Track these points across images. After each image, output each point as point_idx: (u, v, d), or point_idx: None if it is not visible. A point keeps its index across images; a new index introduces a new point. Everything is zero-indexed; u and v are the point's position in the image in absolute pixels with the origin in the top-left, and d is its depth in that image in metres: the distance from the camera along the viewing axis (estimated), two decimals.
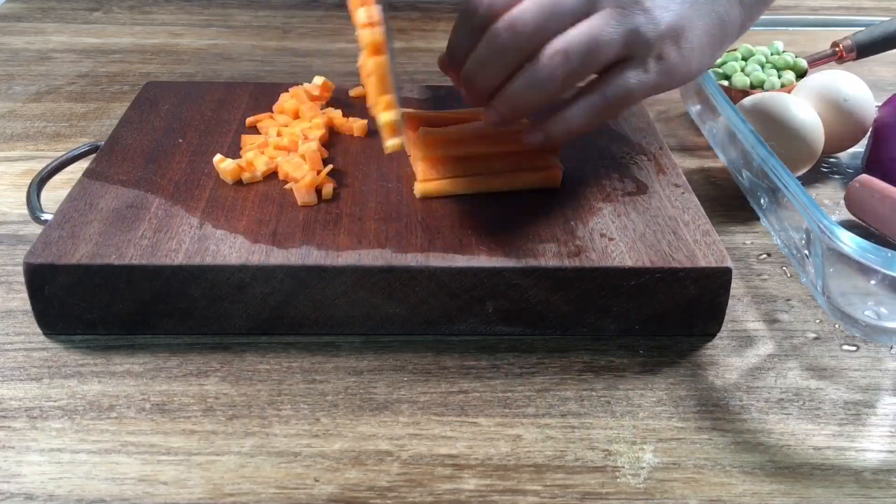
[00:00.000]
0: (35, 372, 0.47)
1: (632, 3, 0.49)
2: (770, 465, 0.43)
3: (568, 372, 0.48)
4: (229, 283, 0.47)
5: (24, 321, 0.50)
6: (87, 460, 0.42)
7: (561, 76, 0.48)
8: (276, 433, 0.43)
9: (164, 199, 0.52)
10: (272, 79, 0.83)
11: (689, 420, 0.45)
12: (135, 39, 0.91)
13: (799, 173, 0.65)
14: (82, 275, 0.47)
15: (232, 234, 0.49)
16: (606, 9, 0.49)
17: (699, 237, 0.50)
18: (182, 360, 0.48)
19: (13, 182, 0.64)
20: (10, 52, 0.88)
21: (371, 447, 0.43)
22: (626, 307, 0.49)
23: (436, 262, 0.47)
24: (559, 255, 0.48)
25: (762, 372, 0.48)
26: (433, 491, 0.41)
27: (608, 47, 0.48)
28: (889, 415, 0.46)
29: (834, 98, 0.66)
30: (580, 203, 0.53)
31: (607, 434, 0.44)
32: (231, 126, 0.61)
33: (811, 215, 0.50)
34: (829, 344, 0.50)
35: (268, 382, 0.46)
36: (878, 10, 1.04)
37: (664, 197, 0.54)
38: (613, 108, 0.51)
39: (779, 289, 0.55)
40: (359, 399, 0.45)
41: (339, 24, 0.97)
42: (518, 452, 0.43)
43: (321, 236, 0.49)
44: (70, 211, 0.51)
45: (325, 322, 0.49)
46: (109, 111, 0.75)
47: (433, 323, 0.49)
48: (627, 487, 0.41)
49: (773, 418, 0.45)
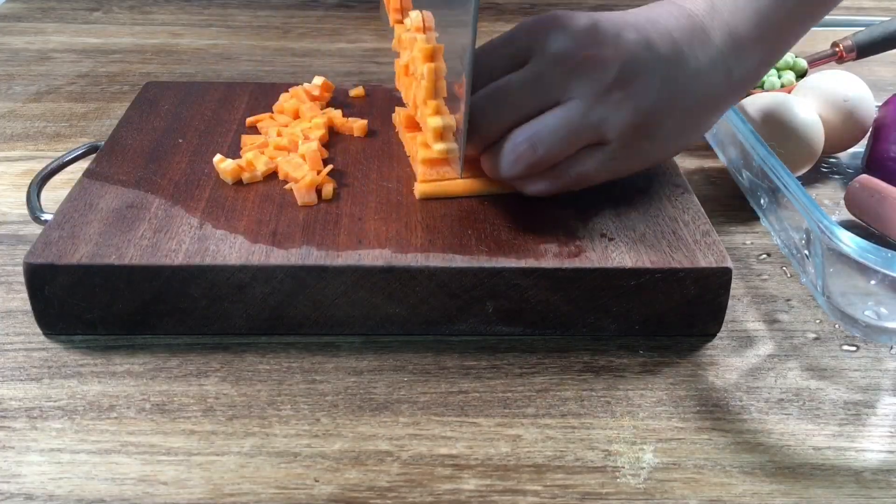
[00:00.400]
0: (35, 372, 0.47)
1: (603, 94, 0.48)
2: (770, 466, 0.43)
3: (568, 372, 0.48)
4: (229, 284, 0.47)
5: (24, 321, 0.50)
6: (87, 460, 0.42)
7: (526, 164, 0.49)
8: (276, 433, 0.43)
9: (164, 199, 0.52)
10: (272, 79, 0.83)
11: (689, 420, 0.45)
12: (135, 39, 0.91)
13: (799, 173, 0.65)
14: (82, 275, 0.47)
15: (232, 235, 0.49)
16: (576, 99, 0.48)
17: (699, 237, 0.50)
18: (182, 360, 0.48)
19: (13, 182, 0.64)
20: (10, 52, 0.88)
21: (371, 447, 0.43)
22: (626, 307, 0.49)
23: (436, 262, 0.47)
24: (559, 256, 0.48)
25: (762, 372, 0.48)
26: (433, 491, 0.41)
27: (575, 139, 0.49)
28: (889, 415, 0.46)
29: (834, 98, 0.66)
30: (580, 203, 0.53)
31: (607, 434, 0.44)
32: (231, 126, 0.61)
33: (811, 215, 0.50)
34: (829, 344, 0.50)
35: (268, 382, 0.46)
36: (878, 10, 1.04)
37: (664, 197, 0.54)
38: (577, 186, 0.51)
39: (779, 289, 0.55)
40: (359, 399, 0.45)
41: (339, 24, 0.97)
42: (518, 452, 0.43)
43: (321, 236, 0.49)
44: (70, 211, 0.51)
45: (325, 322, 0.49)
46: (109, 111, 0.75)
47: (433, 323, 0.49)
48: (627, 488, 0.41)
49: (773, 418, 0.45)
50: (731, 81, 0.51)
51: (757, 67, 0.51)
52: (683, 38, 0.49)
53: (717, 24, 0.50)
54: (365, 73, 0.85)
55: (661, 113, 0.49)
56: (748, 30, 0.50)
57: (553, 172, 0.50)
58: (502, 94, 0.49)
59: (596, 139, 0.49)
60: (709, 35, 0.50)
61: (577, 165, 0.50)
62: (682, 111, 0.50)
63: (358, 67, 0.86)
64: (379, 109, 0.64)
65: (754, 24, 0.50)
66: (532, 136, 0.48)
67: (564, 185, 0.51)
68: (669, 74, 0.49)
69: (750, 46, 0.50)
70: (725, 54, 0.50)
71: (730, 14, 0.50)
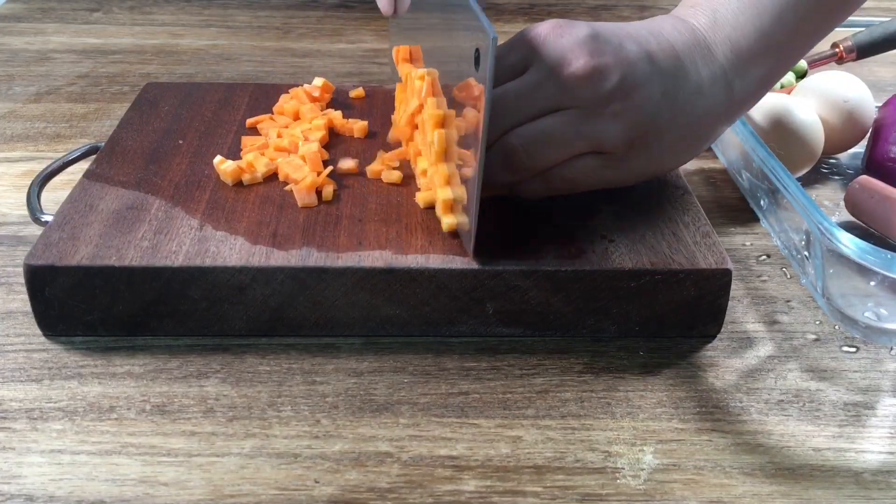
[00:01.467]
0: (35, 373, 0.47)
1: (602, 104, 0.47)
2: (770, 467, 0.43)
3: (568, 373, 0.48)
4: (229, 285, 0.47)
5: (25, 322, 0.50)
6: (87, 461, 0.42)
7: (517, 167, 0.49)
8: (277, 434, 0.43)
9: (164, 200, 0.52)
10: (272, 79, 0.83)
11: (689, 421, 0.45)
12: (135, 40, 0.91)
13: (799, 174, 0.65)
14: (83, 276, 0.47)
15: (232, 236, 0.49)
16: (573, 109, 0.48)
17: (699, 239, 0.50)
18: (182, 361, 0.48)
19: (13, 183, 0.64)
20: (10, 52, 0.88)
21: (371, 448, 0.43)
22: (626, 309, 0.49)
23: (436, 263, 0.47)
24: (559, 257, 0.48)
25: (762, 373, 0.48)
26: (433, 492, 0.41)
27: (568, 147, 0.48)
28: (889, 416, 0.46)
29: (834, 99, 0.66)
30: (580, 204, 0.53)
31: (607, 435, 0.44)
32: (231, 127, 0.61)
33: (811, 217, 0.50)
34: (829, 345, 0.51)
35: (268, 384, 0.46)
36: (878, 10, 1.04)
37: (664, 198, 0.54)
38: (570, 189, 0.51)
39: (778, 290, 0.55)
40: (359, 400, 0.45)
41: (339, 24, 0.97)
42: (518, 454, 0.43)
43: (321, 238, 0.49)
44: (70, 212, 0.51)
45: (326, 323, 0.49)
46: (109, 112, 0.75)
47: (433, 324, 0.49)
48: (627, 489, 0.41)
49: (773, 420, 0.45)
50: (732, 97, 0.50)
51: (758, 84, 0.51)
52: (685, 52, 0.49)
53: (720, 38, 0.50)
54: (365, 73, 0.85)
55: (660, 127, 0.49)
56: (750, 45, 0.50)
57: (544, 177, 0.50)
58: (501, 101, 0.48)
59: (590, 149, 0.49)
60: (711, 49, 0.49)
61: (568, 171, 0.49)
62: (682, 126, 0.49)
63: (358, 68, 0.86)
64: (379, 110, 0.64)
65: (756, 40, 0.50)
66: (525, 140, 0.48)
67: (556, 189, 0.51)
68: (670, 88, 0.48)
69: (752, 61, 0.50)
70: (727, 69, 0.50)
71: (732, 29, 0.50)
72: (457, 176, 0.49)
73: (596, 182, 0.51)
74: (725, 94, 0.50)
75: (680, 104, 0.49)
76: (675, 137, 0.50)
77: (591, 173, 0.50)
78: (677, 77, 0.49)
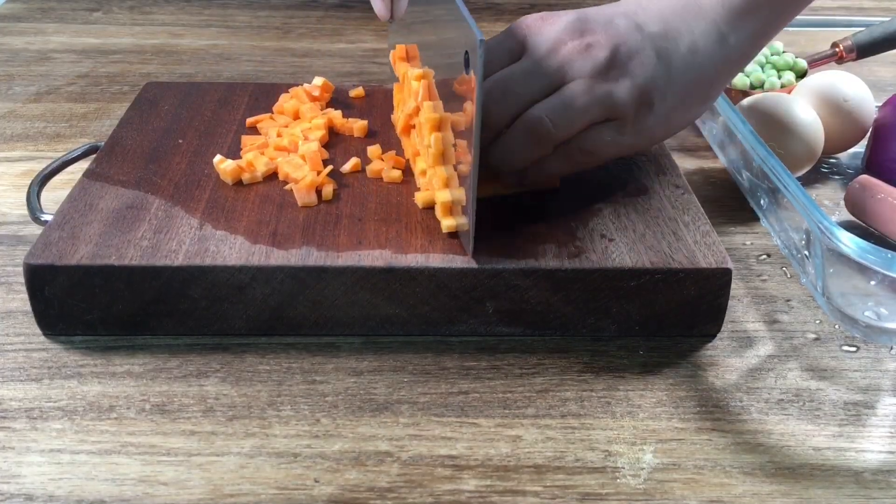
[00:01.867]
0: (35, 373, 0.47)
1: (602, 73, 0.50)
2: (770, 466, 0.43)
3: (568, 373, 0.48)
4: (229, 284, 0.47)
5: (24, 322, 0.50)
6: (87, 461, 0.42)
7: (540, 140, 0.50)
8: (276, 434, 0.43)
9: (164, 199, 0.52)
10: (272, 79, 0.83)
11: (689, 421, 0.45)
12: (135, 40, 0.91)
13: (799, 174, 0.65)
14: (82, 276, 0.47)
15: (232, 235, 0.49)
16: (578, 79, 0.50)
17: (699, 238, 0.50)
18: (182, 360, 0.48)
19: (13, 182, 0.64)
20: (10, 52, 0.88)
21: (371, 448, 0.43)
22: (626, 308, 0.49)
23: (436, 262, 0.47)
24: (559, 256, 0.48)
25: (762, 373, 0.48)
26: (433, 492, 0.41)
27: (585, 113, 0.50)
28: (889, 415, 0.46)
29: (834, 98, 0.66)
30: (580, 204, 0.53)
31: (607, 435, 0.44)
32: (231, 127, 0.61)
33: (811, 216, 0.50)
34: (829, 345, 0.50)
35: (268, 383, 0.46)
36: (878, 10, 1.04)
37: (664, 198, 0.54)
38: (588, 162, 0.53)
39: (779, 289, 0.55)
40: (359, 400, 0.45)
41: (339, 24, 0.97)
42: (518, 453, 0.43)
43: (321, 237, 0.49)
44: (70, 211, 0.51)
45: (325, 323, 0.49)
46: (109, 111, 0.75)
47: (433, 324, 0.49)
48: (627, 488, 0.41)
49: (773, 419, 0.45)
50: (727, 53, 0.52)
51: (753, 38, 0.53)
52: (675, 14, 0.51)
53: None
54: (365, 73, 0.85)
55: (661, 87, 0.51)
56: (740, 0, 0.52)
57: (564, 153, 0.51)
58: (504, 84, 0.50)
59: (604, 115, 0.50)
60: (702, 7, 0.51)
61: (587, 141, 0.51)
62: (682, 84, 0.51)
63: (358, 68, 0.86)
64: (379, 110, 0.64)
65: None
66: (549, 110, 0.49)
67: (576, 164, 0.52)
68: (663, 49, 0.51)
69: (745, 16, 0.51)
70: (720, 24, 0.51)
71: None
72: (455, 178, 0.49)
73: (614, 150, 0.52)
74: (721, 50, 0.52)
75: (676, 64, 0.51)
76: (678, 95, 0.51)
77: (608, 141, 0.51)
78: (668, 38, 0.51)
